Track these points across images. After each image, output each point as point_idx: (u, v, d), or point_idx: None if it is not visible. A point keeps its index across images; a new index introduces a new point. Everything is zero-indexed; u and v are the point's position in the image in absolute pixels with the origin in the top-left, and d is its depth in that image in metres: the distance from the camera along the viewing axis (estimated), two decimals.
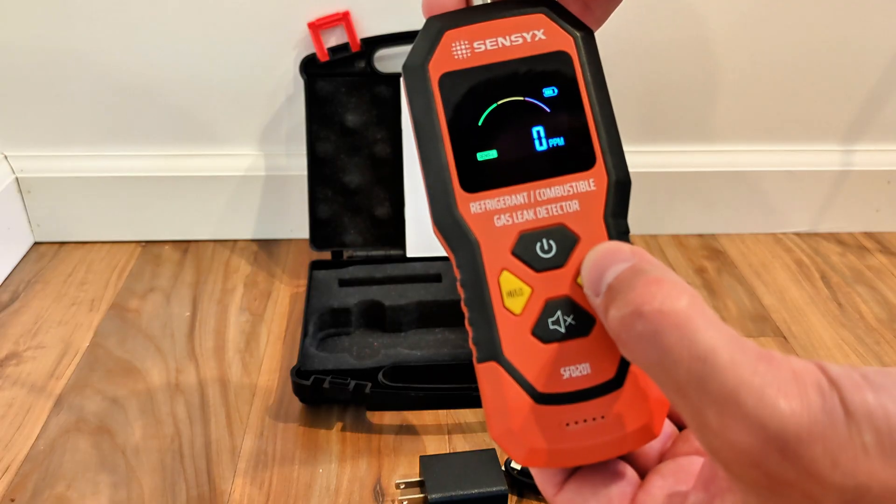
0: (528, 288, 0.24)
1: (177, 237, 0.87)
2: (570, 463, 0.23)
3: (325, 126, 0.78)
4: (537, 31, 0.24)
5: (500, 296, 0.24)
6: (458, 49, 0.24)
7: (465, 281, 0.24)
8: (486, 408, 0.24)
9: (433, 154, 0.24)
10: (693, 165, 0.87)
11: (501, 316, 0.23)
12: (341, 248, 0.80)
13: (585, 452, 0.23)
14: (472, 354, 0.24)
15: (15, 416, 0.62)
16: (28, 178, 0.83)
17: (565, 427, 0.23)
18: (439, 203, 0.24)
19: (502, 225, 0.24)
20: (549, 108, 0.24)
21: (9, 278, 0.81)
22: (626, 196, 0.24)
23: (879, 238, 0.91)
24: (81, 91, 0.80)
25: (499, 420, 0.23)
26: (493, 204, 0.24)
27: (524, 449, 0.23)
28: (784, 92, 0.85)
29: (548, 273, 0.24)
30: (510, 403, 0.23)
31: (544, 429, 0.23)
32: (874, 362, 0.70)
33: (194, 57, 0.79)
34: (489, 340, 0.23)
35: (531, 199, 0.24)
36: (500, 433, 0.23)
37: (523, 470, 0.56)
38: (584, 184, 0.24)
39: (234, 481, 0.57)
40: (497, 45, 0.24)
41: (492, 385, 0.23)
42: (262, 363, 0.69)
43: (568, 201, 0.24)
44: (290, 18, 0.77)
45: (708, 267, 0.86)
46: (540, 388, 0.23)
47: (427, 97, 0.24)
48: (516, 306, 0.23)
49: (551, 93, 0.24)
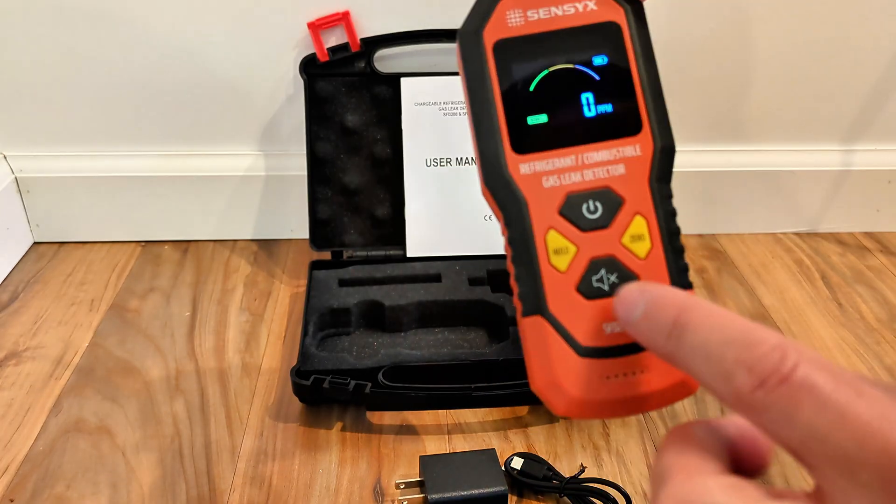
0: (573, 247, 0.24)
1: (177, 237, 0.87)
2: (609, 415, 0.24)
3: (324, 126, 0.78)
4: (588, 2, 0.25)
5: (547, 253, 0.24)
6: (512, 17, 0.25)
7: (513, 238, 0.25)
8: (529, 361, 0.24)
9: (486, 117, 0.25)
10: (693, 165, 0.87)
11: (548, 273, 0.24)
12: (341, 248, 0.80)
13: (625, 405, 0.24)
14: (510, 314, 0.25)
15: (14, 416, 0.62)
16: (27, 178, 0.83)
17: (606, 380, 0.24)
18: (490, 164, 0.25)
19: (550, 186, 0.25)
20: (599, 76, 0.25)
21: (8, 278, 0.81)
22: (670, 162, 0.25)
23: (880, 238, 0.91)
24: (81, 91, 0.80)
25: (542, 372, 0.24)
26: (542, 166, 0.25)
27: (566, 399, 0.24)
28: (784, 92, 0.85)
29: (593, 233, 0.25)
30: (553, 356, 0.24)
31: (586, 381, 0.24)
32: (874, 362, 0.70)
33: (194, 57, 0.79)
34: (535, 296, 0.24)
35: (579, 162, 0.25)
36: (542, 384, 0.24)
37: (523, 470, 0.56)
38: (630, 149, 0.25)
39: (234, 481, 0.57)
40: (550, 15, 0.25)
41: (536, 338, 0.24)
42: (262, 363, 0.69)
43: (614, 165, 0.25)
44: (290, 18, 0.77)
45: (708, 267, 0.86)
46: (583, 342, 0.24)
47: (481, 63, 0.25)
48: (562, 264, 0.24)
49: (601, 61, 0.25)
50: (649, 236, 0.25)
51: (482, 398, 0.62)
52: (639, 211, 0.25)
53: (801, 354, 0.19)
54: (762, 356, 0.19)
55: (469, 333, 0.72)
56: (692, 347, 0.21)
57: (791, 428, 0.19)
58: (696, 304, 0.22)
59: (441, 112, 0.77)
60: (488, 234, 0.77)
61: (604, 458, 0.59)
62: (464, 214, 0.77)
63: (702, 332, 0.21)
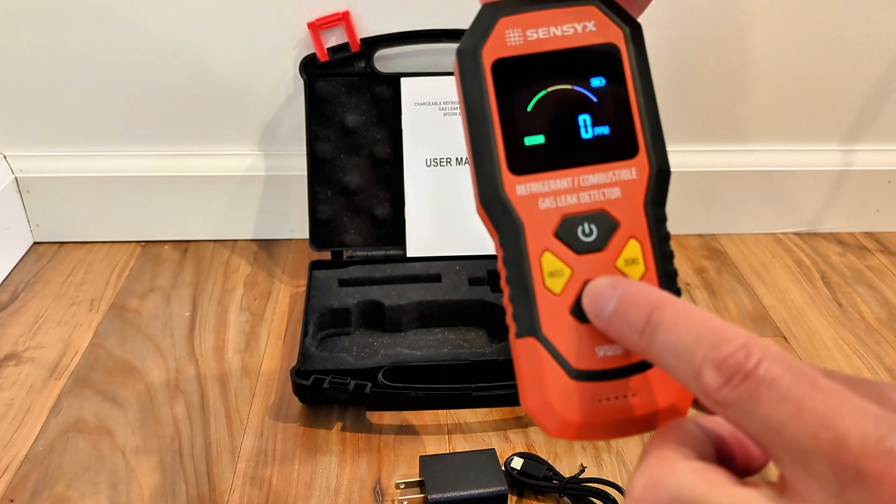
0: (568, 269, 0.24)
1: (177, 237, 0.87)
2: (601, 437, 0.24)
3: (324, 126, 0.78)
4: (588, 23, 0.25)
5: (542, 275, 0.24)
6: (511, 36, 0.25)
7: (508, 259, 0.25)
8: (522, 382, 0.24)
9: (483, 136, 0.25)
10: (693, 165, 0.87)
11: (542, 295, 0.24)
12: (341, 248, 0.80)
13: (615, 427, 0.24)
14: (506, 331, 0.25)
15: (14, 417, 0.62)
16: (27, 178, 0.83)
17: (598, 403, 0.24)
18: (486, 183, 0.25)
19: (546, 207, 0.25)
20: (597, 98, 0.25)
21: (8, 278, 0.81)
22: (665, 186, 0.25)
23: (880, 238, 0.91)
24: (81, 91, 0.80)
25: (534, 393, 0.24)
26: (539, 187, 0.25)
27: (558, 422, 0.24)
28: (784, 92, 0.85)
29: (588, 256, 0.25)
30: (546, 378, 0.24)
31: (578, 403, 0.24)
32: (874, 362, 0.70)
33: (194, 57, 0.79)
34: (529, 317, 0.24)
35: (575, 185, 0.25)
36: (534, 406, 0.24)
37: (523, 470, 0.56)
38: (626, 172, 0.25)
39: (233, 481, 0.57)
40: (549, 35, 0.25)
41: (529, 360, 0.24)
42: (262, 363, 0.69)
43: (610, 188, 0.25)
44: (290, 18, 0.77)
45: (708, 267, 0.86)
46: (575, 365, 0.24)
47: (479, 81, 0.25)
48: (556, 286, 0.24)
49: (599, 83, 0.25)
50: (643, 260, 0.25)
51: (482, 398, 0.62)
52: (633, 234, 0.25)
53: (764, 352, 0.20)
54: (729, 355, 0.20)
55: (469, 333, 0.72)
56: (664, 345, 0.21)
57: (753, 421, 0.20)
58: (669, 301, 0.22)
59: (441, 112, 0.77)
60: (488, 234, 0.77)
61: (604, 458, 0.59)
62: (464, 214, 0.77)
63: (674, 331, 0.21)
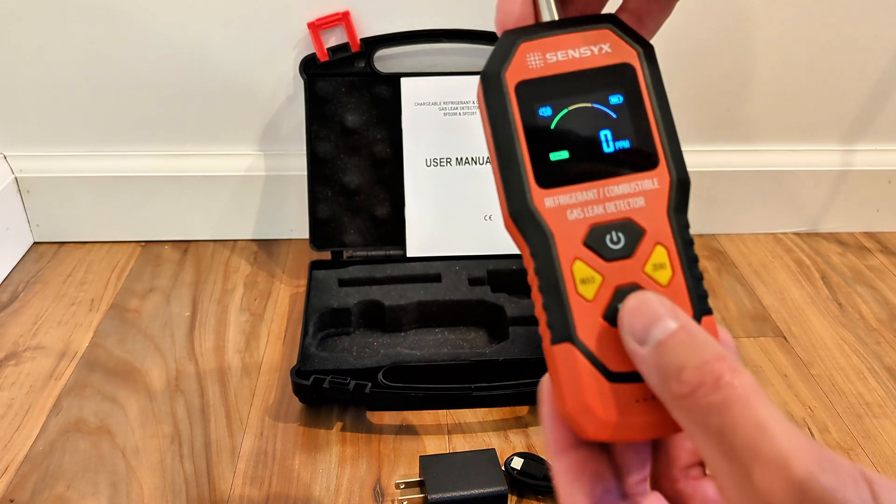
0: (599, 276, 0.26)
1: (177, 237, 0.87)
2: (637, 437, 0.25)
3: (324, 126, 0.78)
4: (604, 45, 0.27)
5: (574, 283, 0.26)
6: (532, 59, 0.27)
7: (540, 269, 0.26)
8: (560, 387, 0.25)
9: (510, 154, 0.26)
10: (693, 165, 0.87)
11: (575, 301, 0.25)
12: (341, 248, 0.80)
13: (654, 426, 0.25)
14: (540, 340, 0.26)
15: (14, 417, 0.62)
16: (27, 178, 0.83)
17: (635, 403, 0.25)
18: (515, 198, 0.26)
19: (574, 218, 0.26)
20: (616, 114, 0.27)
21: (8, 278, 0.81)
22: (686, 193, 0.27)
23: (880, 238, 0.91)
24: (81, 91, 0.80)
25: (573, 397, 0.25)
26: (566, 199, 0.26)
27: (597, 423, 0.25)
28: (784, 92, 0.85)
29: (617, 262, 0.26)
30: (584, 381, 0.25)
31: (615, 404, 0.25)
32: (874, 362, 0.70)
33: (194, 57, 0.79)
34: (564, 324, 0.25)
35: (601, 195, 0.26)
36: (574, 409, 0.25)
37: (523, 470, 0.56)
38: (648, 182, 0.26)
39: (233, 481, 0.57)
40: (567, 57, 0.27)
41: (566, 365, 0.25)
42: (262, 363, 0.69)
43: (634, 198, 0.26)
44: (290, 18, 0.77)
45: (708, 267, 0.86)
46: (611, 367, 0.25)
47: (504, 102, 0.26)
48: (588, 293, 0.25)
49: (617, 100, 0.27)
50: (670, 265, 0.26)
51: (482, 398, 0.62)
52: (659, 241, 0.26)
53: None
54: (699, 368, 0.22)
55: (469, 333, 0.72)
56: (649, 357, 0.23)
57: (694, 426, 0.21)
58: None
59: (441, 112, 0.77)
60: (488, 234, 0.77)
61: None
62: (464, 214, 0.77)
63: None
